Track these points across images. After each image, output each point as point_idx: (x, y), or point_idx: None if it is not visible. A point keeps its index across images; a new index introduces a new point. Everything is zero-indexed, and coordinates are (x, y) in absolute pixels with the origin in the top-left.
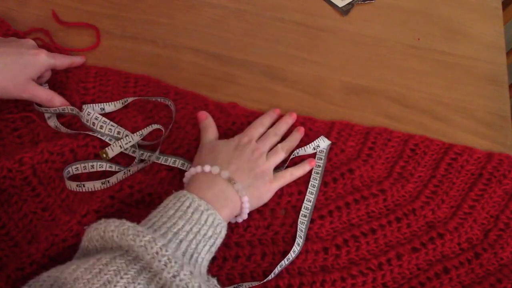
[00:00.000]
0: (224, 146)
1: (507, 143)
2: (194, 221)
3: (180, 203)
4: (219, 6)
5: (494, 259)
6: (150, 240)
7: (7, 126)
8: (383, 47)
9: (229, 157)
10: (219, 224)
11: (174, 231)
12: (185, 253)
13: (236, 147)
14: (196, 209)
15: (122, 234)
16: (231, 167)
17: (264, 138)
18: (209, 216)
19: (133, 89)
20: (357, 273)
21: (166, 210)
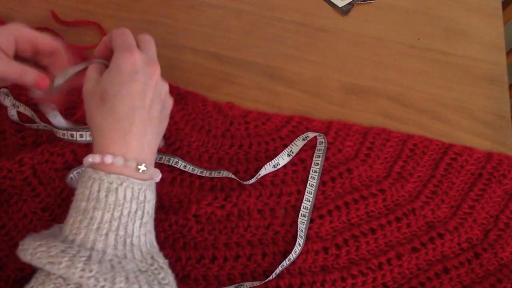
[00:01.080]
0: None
1: (507, 143)
2: (112, 205)
3: (88, 189)
4: (219, 6)
5: (494, 259)
6: (68, 265)
7: (12, 127)
8: (383, 47)
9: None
10: (140, 189)
11: (94, 228)
12: (116, 244)
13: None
14: (108, 190)
15: (39, 262)
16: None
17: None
18: (126, 190)
19: None
20: (357, 273)
21: (78, 203)
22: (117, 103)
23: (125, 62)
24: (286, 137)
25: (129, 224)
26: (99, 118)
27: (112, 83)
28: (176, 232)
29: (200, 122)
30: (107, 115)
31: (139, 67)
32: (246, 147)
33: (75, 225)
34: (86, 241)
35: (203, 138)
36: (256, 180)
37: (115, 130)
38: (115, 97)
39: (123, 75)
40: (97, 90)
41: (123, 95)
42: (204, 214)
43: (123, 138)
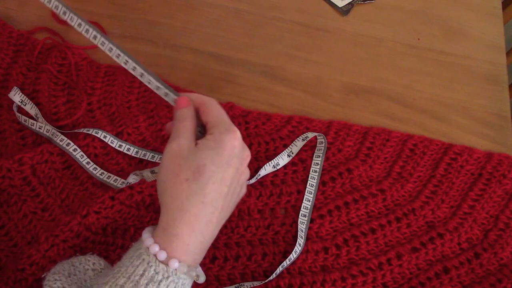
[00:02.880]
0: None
1: (507, 143)
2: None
3: (133, 268)
4: (219, 6)
5: (494, 259)
6: None
7: (12, 127)
8: (383, 47)
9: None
10: (183, 285)
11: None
12: None
13: (233, 178)
14: (151, 280)
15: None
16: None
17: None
18: (169, 285)
19: (137, 90)
20: (357, 273)
21: (118, 275)
22: (210, 186)
23: (229, 144)
24: (286, 137)
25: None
26: (185, 194)
27: (212, 162)
28: None
29: None
30: (195, 195)
31: (237, 152)
32: None
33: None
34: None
35: None
36: (256, 180)
37: (198, 219)
38: (210, 179)
39: (223, 156)
40: (192, 161)
41: (217, 179)
42: None
43: (201, 232)
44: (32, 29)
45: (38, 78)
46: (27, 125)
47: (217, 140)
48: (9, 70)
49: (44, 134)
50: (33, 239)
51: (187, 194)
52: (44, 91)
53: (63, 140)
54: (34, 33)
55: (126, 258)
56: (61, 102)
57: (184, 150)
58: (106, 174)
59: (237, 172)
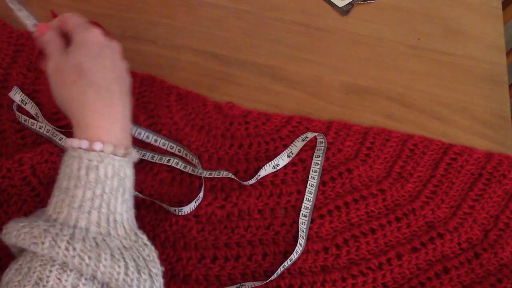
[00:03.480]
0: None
1: (507, 143)
2: (93, 183)
3: (69, 168)
4: (219, 6)
5: (494, 259)
6: (52, 245)
7: (12, 127)
8: (383, 47)
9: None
10: (121, 167)
11: (76, 206)
12: (100, 222)
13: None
14: (88, 168)
15: (24, 244)
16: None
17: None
18: (106, 167)
19: (137, 90)
20: (357, 273)
21: (61, 182)
22: (96, 75)
23: (93, 38)
24: (286, 137)
25: (112, 201)
26: (79, 92)
27: (85, 57)
28: (176, 232)
29: (200, 122)
30: (87, 88)
31: (104, 43)
32: (246, 147)
33: (57, 204)
34: (69, 219)
35: (203, 138)
36: (256, 180)
37: (100, 104)
38: (92, 70)
39: (93, 49)
40: (67, 66)
41: (98, 67)
42: (205, 214)
43: (109, 114)
44: None
45: (38, 78)
46: (27, 125)
47: (81, 40)
48: (9, 70)
49: (44, 134)
50: None
51: (80, 90)
52: (44, 91)
53: (62, 139)
54: None
55: (60, 167)
56: None
57: (59, 64)
58: None
59: (113, 59)
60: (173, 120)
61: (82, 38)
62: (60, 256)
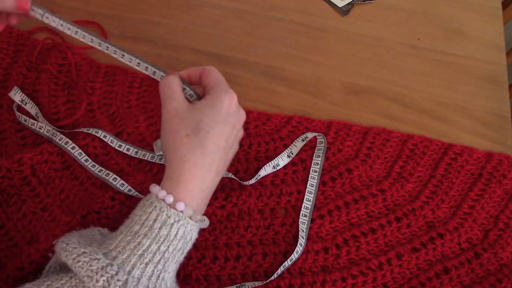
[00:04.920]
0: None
1: (507, 143)
2: (162, 238)
3: (145, 215)
4: (219, 6)
5: (494, 259)
6: (104, 286)
7: (12, 127)
8: (383, 47)
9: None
10: (190, 232)
11: (138, 253)
12: (151, 276)
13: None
14: (164, 223)
15: (79, 271)
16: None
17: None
18: (179, 228)
19: (137, 90)
20: (357, 273)
21: (132, 224)
22: (209, 139)
23: (225, 103)
24: (286, 137)
25: (169, 260)
26: (186, 147)
27: (208, 118)
28: None
29: None
30: (195, 147)
31: (232, 111)
32: (246, 147)
33: (121, 243)
34: (126, 264)
35: None
36: (256, 180)
37: (199, 167)
38: (208, 133)
39: (220, 113)
40: (189, 119)
41: (215, 133)
42: (205, 214)
43: (203, 179)
44: (32, 29)
45: (38, 78)
46: (27, 125)
47: (214, 99)
48: (9, 70)
49: (44, 134)
50: (32, 239)
51: (188, 147)
52: (44, 91)
53: (62, 139)
54: (34, 33)
55: (137, 209)
56: (61, 102)
57: (180, 111)
58: (105, 171)
59: (233, 129)
60: None
61: (218, 99)
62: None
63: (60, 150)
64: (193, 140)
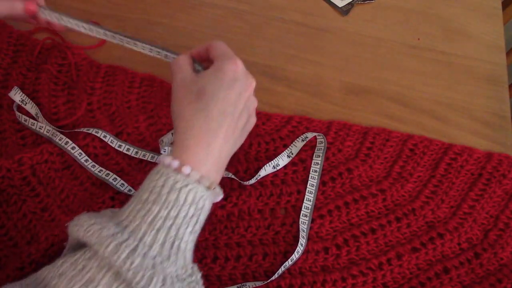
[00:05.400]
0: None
1: (507, 143)
2: (171, 204)
3: (153, 183)
4: (219, 6)
5: (494, 259)
6: (114, 251)
7: (12, 127)
8: (383, 47)
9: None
10: (201, 198)
11: (148, 220)
12: (164, 243)
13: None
14: (171, 188)
15: (90, 240)
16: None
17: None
18: (188, 193)
19: (137, 90)
20: (357, 273)
21: (141, 192)
22: (212, 104)
23: (228, 69)
24: (286, 137)
25: (182, 227)
26: (190, 113)
27: (211, 84)
28: None
29: None
30: (199, 112)
31: (239, 77)
32: (246, 147)
33: (132, 212)
34: (137, 231)
35: None
36: (256, 180)
37: (204, 131)
38: (211, 98)
39: (223, 79)
40: (193, 87)
41: (219, 98)
42: None
43: (208, 143)
44: (32, 29)
45: (38, 78)
46: (27, 125)
47: (216, 67)
48: (9, 70)
49: (44, 134)
50: (32, 239)
51: (192, 112)
52: (44, 91)
53: (62, 139)
54: (34, 33)
55: (147, 178)
56: (61, 102)
57: (186, 80)
58: (105, 171)
59: (240, 95)
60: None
61: (221, 64)
62: (117, 264)
63: (60, 150)
64: (197, 105)
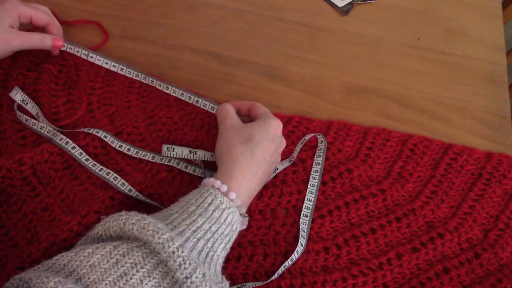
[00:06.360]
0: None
1: (507, 143)
2: (214, 220)
3: (202, 199)
4: (219, 6)
5: (494, 259)
6: (168, 239)
7: (12, 127)
8: (383, 47)
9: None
10: (236, 221)
11: (192, 229)
12: (201, 251)
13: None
14: (217, 207)
15: (142, 228)
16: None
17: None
18: (229, 214)
19: (137, 90)
20: (357, 273)
21: (188, 205)
22: (257, 149)
23: (274, 125)
24: (286, 137)
25: (217, 242)
26: (239, 151)
27: (259, 133)
28: None
29: (200, 122)
30: (247, 153)
31: (278, 135)
32: None
33: (177, 220)
34: (181, 235)
35: (203, 138)
36: None
37: (247, 169)
38: (258, 144)
39: (269, 132)
40: (243, 131)
41: (263, 146)
42: None
43: (249, 179)
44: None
45: (39, 78)
46: (28, 125)
47: (265, 121)
48: (9, 70)
49: (45, 134)
50: (33, 239)
51: (241, 151)
52: (45, 91)
53: (62, 139)
54: None
55: (192, 194)
56: (61, 102)
57: (235, 125)
58: (106, 170)
59: (276, 149)
60: (173, 120)
61: (268, 121)
62: (169, 251)
63: (60, 150)
64: (245, 147)
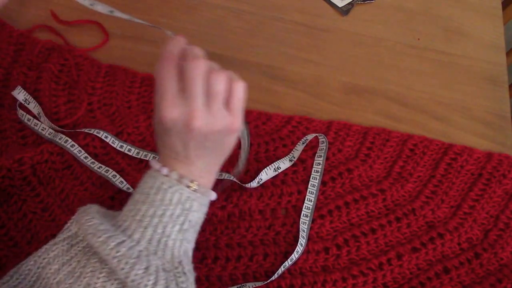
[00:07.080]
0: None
1: (507, 143)
2: (157, 203)
3: (143, 184)
4: (219, 6)
5: (494, 259)
6: (103, 241)
7: (13, 127)
8: (383, 47)
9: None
10: (188, 198)
11: (137, 218)
12: (151, 240)
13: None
14: (158, 189)
15: (86, 231)
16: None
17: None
18: (174, 193)
19: (138, 90)
20: (357, 273)
21: (134, 195)
22: (205, 129)
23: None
24: (286, 137)
25: (168, 226)
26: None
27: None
28: None
29: None
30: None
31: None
32: None
33: (125, 213)
34: (128, 229)
35: None
36: (258, 184)
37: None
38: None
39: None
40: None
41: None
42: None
43: (200, 154)
44: (31, 27)
45: (39, 78)
46: (30, 125)
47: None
48: (9, 69)
49: (46, 136)
50: (33, 239)
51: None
52: (45, 90)
53: (61, 138)
54: (33, 31)
55: (140, 181)
56: (61, 102)
57: (177, 103)
58: (105, 167)
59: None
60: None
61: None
62: (104, 253)
63: (61, 150)
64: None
